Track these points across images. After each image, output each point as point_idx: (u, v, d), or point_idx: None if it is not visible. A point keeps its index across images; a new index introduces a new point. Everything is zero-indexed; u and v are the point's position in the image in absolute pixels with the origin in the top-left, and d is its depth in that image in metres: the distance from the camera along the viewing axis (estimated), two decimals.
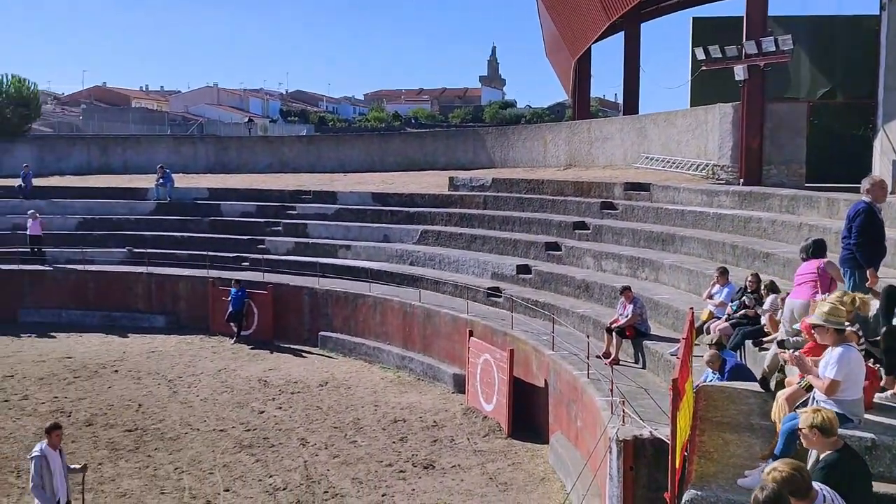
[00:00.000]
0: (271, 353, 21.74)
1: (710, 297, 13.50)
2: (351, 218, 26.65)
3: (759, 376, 8.85)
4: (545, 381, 15.21)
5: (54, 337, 23.39)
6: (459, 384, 17.86)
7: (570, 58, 31.67)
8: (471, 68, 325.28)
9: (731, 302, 12.75)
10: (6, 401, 17.57)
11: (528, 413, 15.58)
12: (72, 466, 10.60)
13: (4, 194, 29.91)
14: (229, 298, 22.58)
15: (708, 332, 12.45)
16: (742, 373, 9.85)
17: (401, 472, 13.74)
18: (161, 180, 29.56)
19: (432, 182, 28.71)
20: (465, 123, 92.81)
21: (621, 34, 29.89)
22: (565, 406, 14.10)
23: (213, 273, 24.32)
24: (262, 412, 16.87)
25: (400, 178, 30.68)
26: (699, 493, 6.11)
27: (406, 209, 26.10)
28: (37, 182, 30.47)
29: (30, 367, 20.16)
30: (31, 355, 21.38)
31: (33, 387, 18.61)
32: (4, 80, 42.84)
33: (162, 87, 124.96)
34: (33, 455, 10.09)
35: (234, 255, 25.67)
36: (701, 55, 20.45)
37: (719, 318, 12.71)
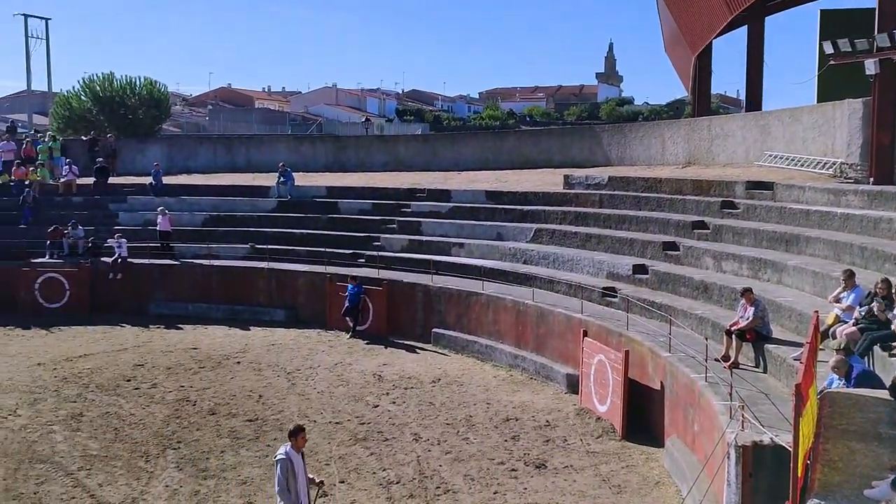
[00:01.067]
0: (385, 348, 22.08)
1: (837, 300, 12.98)
2: (464, 216, 26.79)
3: (888, 383, 8.47)
4: (661, 383, 14.94)
5: (181, 328, 24.39)
6: (573, 384, 17.73)
7: (690, 53, 30.93)
8: (587, 65, 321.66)
9: (860, 306, 12.22)
10: (137, 388, 18.43)
11: (642, 415, 15.34)
12: (310, 476, 10.41)
13: (137, 191, 31.31)
14: (346, 294, 23.04)
15: (834, 337, 11.99)
16: (870, 379, 9.43)
17: (512, 470, 13.75)
18: (282, 179, 30.39)
19: (547, 180, 28.57)
20: (581, 121, 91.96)
21: (744, 28, 29.03)
22: (682, 409, 13.81)
23: (331, 269, 24.86)
24: (377, 406, 17.17)
25: (514, 176, 30.64)
26: (822, 502, 5.89)
27: (520, 207, 26.05)
28: (166, 180, 31.76)
29: (158, 357, 21.10)
30: (159, 345, 22.36)
31: (161, 375, 19.47)
32: (137, 82, 44.87)
33: (283, 87, 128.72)
34: (278, 458, 9.99)
35: (351, 251, 26.20)
36: (829, 49, 19.63)
37: (846, 323, 12.20)
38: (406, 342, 22.46)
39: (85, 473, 13.68)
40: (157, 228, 27.66)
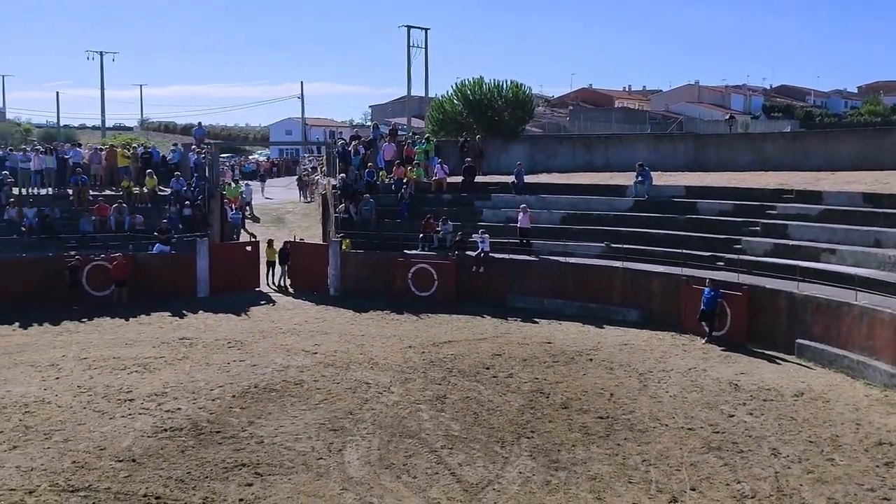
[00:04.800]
0: (743, 356, 21.10)
1: None
2: (837, 220, 24.75)
3: None
4: None
5: (537, 322, 25.19)
6: None
7: None
8: None
9: None
10: (494, 377, 19.36)
11: None
12: None
13: (500, 190, 32.82)
14: (702, 298, 22.37)
15: None
16: None
17: (885, 499, 12.52)
18: (639, 178, 30.22)
19: None
20: None
21: None
22: None
23: (687, 271, 24.26)
24: (732, 416, 16.47)
25: None
26: None
27: None
28: (528, 179, 32.94)
29: (515, 349, 21.98)
30: (516, 337, 23.28)
31: (517, 366, 20.26)
32: (504, 85, 46.96)
33: (644, 86, 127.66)
34: None
35: (709, 254, 25.35)
36: None
37: None
38: (766, 351, 21.28)
39: (447, 452, 14.65)
40: (518, 225, 28.83)
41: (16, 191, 31.11)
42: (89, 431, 15.42)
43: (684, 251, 25.27)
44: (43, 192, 32.34)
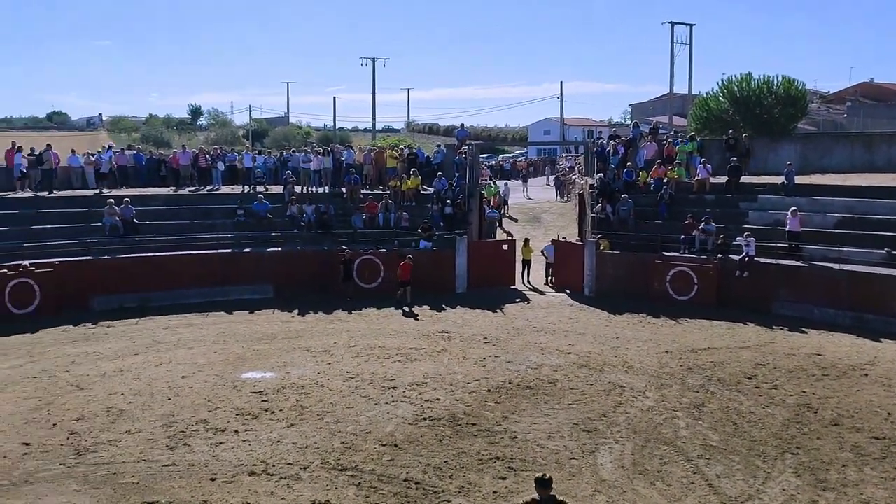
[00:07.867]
0: None
1: None
2: None
3: None
4: None
5: (805, 332, 23.68)
6: None
7: None
8: None
9: None
10: (757, 387, 18.43)
11: None
12: None
13: (768, 191, 31.12)
14: None
15: None
16: None
17: None
18: None
19: None
20: None
21: None
22: None
23: None
24: None
25: None
26: None
27: None
28: (798, 179, 31.02)
29: (780, 359, 20.79)
30: (782, 347, 22.02)
31: (782, 378, 19.16)
32: (775, 81, 44.63)
33: None
34: None
35: None
36: None
37: None
38: None
39: (704, 462, 14.16)
40: (787, 229, 27.23)
41: (297, 189, 33.66)
42: (356, 415, 16.45)
43: None
44: (320, 190, 34.78)
